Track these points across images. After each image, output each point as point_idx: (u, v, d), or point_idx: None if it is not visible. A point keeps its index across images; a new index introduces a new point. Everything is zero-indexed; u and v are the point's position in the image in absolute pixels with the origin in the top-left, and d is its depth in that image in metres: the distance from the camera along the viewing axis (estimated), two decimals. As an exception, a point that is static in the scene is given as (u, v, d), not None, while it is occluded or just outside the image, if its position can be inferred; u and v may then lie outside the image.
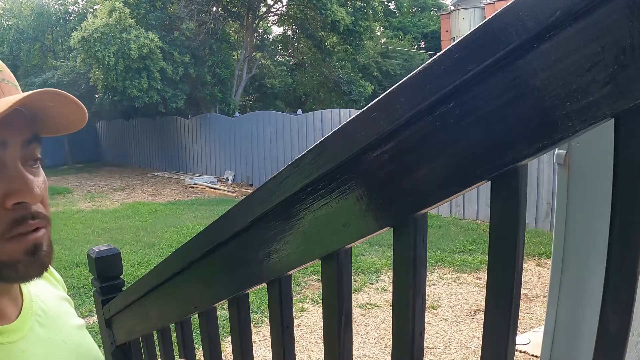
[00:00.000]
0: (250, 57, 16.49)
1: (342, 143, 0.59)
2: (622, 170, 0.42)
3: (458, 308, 4.45)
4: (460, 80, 0.47)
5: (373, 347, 3.83)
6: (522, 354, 3.51)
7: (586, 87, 0.41)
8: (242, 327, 0.95)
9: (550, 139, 0.44)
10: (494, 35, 0.45)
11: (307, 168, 0.64)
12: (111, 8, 12.48)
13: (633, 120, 0.40)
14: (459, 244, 6.29)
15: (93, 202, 10.55)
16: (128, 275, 4.92)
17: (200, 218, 8.32)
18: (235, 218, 0.82)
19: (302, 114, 11.37)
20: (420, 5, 36.36)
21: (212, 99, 15.04)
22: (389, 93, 0.54)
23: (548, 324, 0.99)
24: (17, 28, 15.80)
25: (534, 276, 5.06)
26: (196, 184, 12.04)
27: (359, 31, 15.82)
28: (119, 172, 15.30)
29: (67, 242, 6.93)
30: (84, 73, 13.92)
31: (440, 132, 0.51)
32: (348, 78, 17.48)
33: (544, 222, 6.73)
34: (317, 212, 0.66)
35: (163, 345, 1.25)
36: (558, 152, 0.93)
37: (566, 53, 0.41)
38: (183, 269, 0.99)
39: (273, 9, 17.45)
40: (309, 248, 0.70)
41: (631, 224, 0.42)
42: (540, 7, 0.41)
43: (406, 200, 0.56)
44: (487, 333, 0.54)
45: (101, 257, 1.40)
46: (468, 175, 0.50)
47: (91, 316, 4.36)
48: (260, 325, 4.13)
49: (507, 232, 0.51)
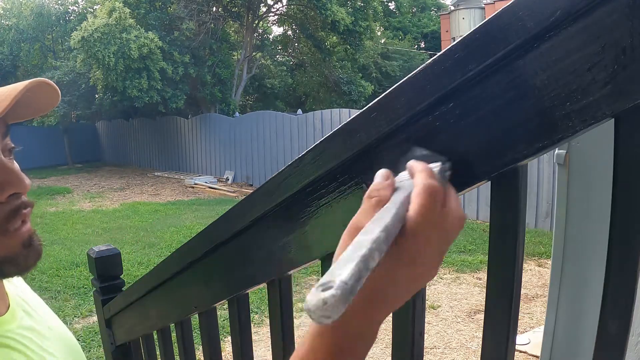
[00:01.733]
0: (250, 57, 16.49)
1: (342, 143, 0.59)
2: (622, 170, 0.42)
3: (458, 308, 4.45)
4: (461, 80, 0.47)
5: (373, 347, 3.82)
6: (522, 354, 3.50)
7: (586, 87, 0.41)
8: (242, 327, 0.95)
9: (550, 139, 0.44)
10: (494, 35, 0.45)
11: (307, 168, 0.64)
12: (111, 8, 12.48)
13: (633, 120, 0.40)
14: (459, 244, 6.29)
15: (93, 202, 10.55)
16: (128, 275, 4.91)
17: (200, 218, 8.31)
18: (235, 218, 0.82)
19: (302, 114, 11.37)
20: (420, 5, 36.35)
21: (212, 99, 15.03)
22: (389, 93, 0.54)
23: (548, 324, 0.99)
24: (17, 28, 15.80)
25: (534, 276, 5.06)
26: (196, 184, 12.04)
27: (359, 31, 15.82)
28: (119, 172, 15.30)
29: (67, 242, 6.93)
30: (84, 73, 13.92)
31: (441, 132, 0.51)
32: (348, 78, 17.48)
33: (544, 222, 6.73)
34: (317, 212, 0.66)
35: (163, 345, 1.25)
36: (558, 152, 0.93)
37: (566, 53, 0.41)
38: (183, 269, 0.99)
39: (273, 9, 17.46)
40: (309, 248, 0.70)
41: (631, 224, 0.42)
42: (540, 7, 0.41)
43: (406, 200, 0.56)
44: (487, 333, 0.54)
45: (101, 257, 1.40)
46: (468, 175, 0.50)
47: (91, 316, 4.36)
48: (260, 325, 4.13)
49: (507, 232, 0.51)
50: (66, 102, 14.14)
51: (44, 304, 0.79)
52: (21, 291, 0.74)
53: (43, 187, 12.24)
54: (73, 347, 0.78)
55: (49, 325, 0.73)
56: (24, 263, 0.60)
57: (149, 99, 13.11)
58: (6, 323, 0.63)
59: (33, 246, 0.60)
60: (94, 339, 3.95)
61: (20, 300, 0.71)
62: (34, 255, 0.61)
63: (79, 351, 0.79)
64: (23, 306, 0.70)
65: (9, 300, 0.67)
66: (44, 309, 0.78)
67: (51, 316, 0.78)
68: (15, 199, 0.58)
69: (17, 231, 0.58)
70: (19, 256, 0.59)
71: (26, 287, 0.78)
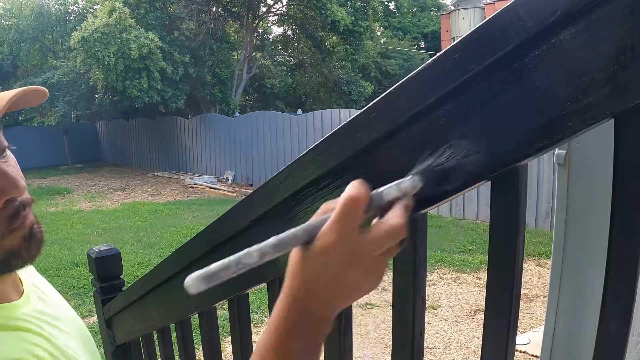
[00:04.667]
0: (250, 57, 16.48)
1: (343, 143, 0.59)
2: (622, 170, 0.42)
3: (458, 308, 4.44)
4: (461, 80, 0.47)
5: (373, 347, 3.83)
6: (522, 354, 3.50)
7: (586, 87, 0.41)
8: (242, 327, 0.95)
9: (550, 139, 0.44)
10: (494, 35, 0.45)
11: (307, 168, 0.64)
12: (111, 8, 12.48)
13: (633, 120, 0.40)
14: (459, 244, 6.29)
15: (93, 202, 10.54)
16: (128, 275, 4.91)
17: (200, 218, 8.31)
18: (236, 218, 0.82)
19: (302, 114, 11.37)
20: (420, 5, 36.35)
21: (212, 99, 15.03)
22: (389, 93, 0.54)
23: (548, 324, 0.99)
24: (17, 28, 15.78)
25: (534, 276, 5.06)
26: (196, 184, 12.03)
27: (358, 31, 15.82)
28: (119, 172, 15.29)
29: (67, 242, 6.93)
30: (84, 73, 13.91)
31: (441, 132, 0.51)
32: (348, 78, 17.46)
33: (544, 222, 6.72)
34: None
35: (163, 345, 1.25)
36: (558, 152, 0.93)
37: (566, 53, 0.41)
38: (183, 269, 0.99)
39: (273, 9, 17.45)
40: (309, 248, 0.70)
41: (631, 223, 0.42)
42: (540, 7, 0.41)
43: (406, 200, 0.56)
44: (487, 333, 0.54)
45: (101, 257, 1.40)
46: (468, 175, 0.50)
47: (91, 316, 4.36)
48: (260, 325, 4.13)
49: (507, 232, 0.51)
50: (66, 102, 14.14)
51: (56, 291, 0.80)
52: (34, 278, 0.75)
53: (43, 187, 12.23)
54: (85, 334, 0.79)
55: (62, 311, 0.74)
56: (27, 255, 0.61)
57: (149, 99, 13.11)
58: (21, 307, 0.64)
59: (34, 236, 0.61)
60: (94, 338, 3.93)
61: (34, 287, 0.72)
62: (36, 245, 0.62)
63: (90, 338, 0.80)
64: (37, 292, 0.71)
65: (23, 287, 0.69)
66: (57, 296, 0.78)
67: (63, 302, 0.79)
68: (11, 202, 0.58)
69: (17, 228, 0.59)
70: (21, 249, 0.60)
71: (38, 275, 0.79)
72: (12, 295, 0.65)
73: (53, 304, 0.73)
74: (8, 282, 0.65)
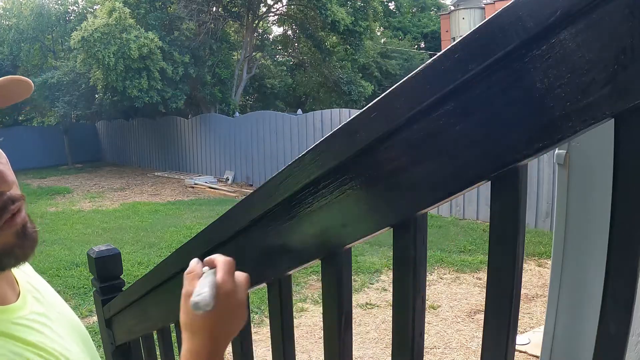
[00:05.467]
0: (250, 57, 16.48)
1: (342, 143, 0.59)
2: (622, 170, 0.42)
3: (458, 308, 4.45)
4: (461, 80, 0.47)
5: (373, 347, 3.83)
6: (522, 354, 3.50)
7: (586, 87, 0.41)
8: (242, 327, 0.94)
9: (550, 139, 0.44)
10: (494, 35, 0.45)
11: (307, 168, 0.64)
12: (111, 8, 12.47)
13: (633, 120, 0.40)
14: (459, 244, 6.29)
15: (93, 202, 10.54)
16: (128, 275, 4.91)
17: (200, 218, 8.31)
18: (235, 218, 0.82)
19: (302, 114, 11.36)
20: (420, 5, 36.35)
21: (212, 99, 15.03)
22: (389, 93, 0.54)
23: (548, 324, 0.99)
24: (17, 28, 15.77)
25: (534, 276, 5.06)
26: (196, 184, 12.03)
27: (359, 31, 15.81)
28: (119, 172, 15.29)
29: (67, 242, 6.93)
30: (84, 73, 13.90)
31: (441, 132, 0.51)
32: (348, 78, 17.46)
33: (544, 222, 6.72)
34: (317, 212, 0.66)
35: (163, 345, 1.25)
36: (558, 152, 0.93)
37: (566, 53, 0.41)
38: (183, 269, 0.98)
39: (273, 9, 17.44)
40: (309, 248, 0.70)
41: (631, 223, 0.42)
42: (540, 7, 0.41)
43: (406, 200, 0.56)
44: (487, 333, 0.54)
45: (101, 257, 1.40)
46: (468, 175, 0.50)
47: (91, 316, 4.36)
48: (260, 325, 4.13)
49: (507, 232, 0.51)
50: (66, 102, 14.13)
51: (52, 289, 0.80)
52: (30, 277, 0.74)
53: (43, 187, 12.24)
54: (82, 332, 0.78)
55: (59, 311, 0.74)
56: (20, 253, 0.60)
57: (149, 99, 13.10)
58: (19, 309, 0.64)
59: (27, 235, 0.60)
60: (94, 338, 3.92)
61: (30, 287, 0.71)
62: (30, 244, 0.61)
63: (87, 336, 0.80)
64: (33, 292, 0.70)
65: (19, 288, 0.68)
66: (53, 294, 0.78)
67: (59, 301, 0.78)
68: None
69: (7, 224, 0.58)
70: (14, 247, 0.59)
71: (34, 274, 0.78)
72: (8, 296, 0.65)
73: (49, 304, 0.72)
74: (3, 282, 0.65)
